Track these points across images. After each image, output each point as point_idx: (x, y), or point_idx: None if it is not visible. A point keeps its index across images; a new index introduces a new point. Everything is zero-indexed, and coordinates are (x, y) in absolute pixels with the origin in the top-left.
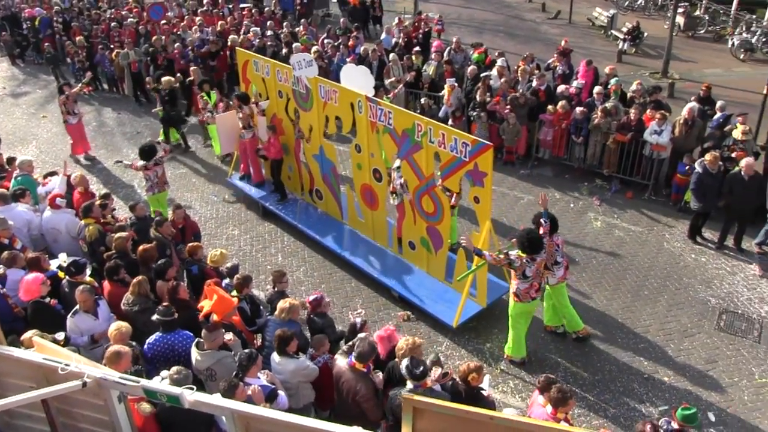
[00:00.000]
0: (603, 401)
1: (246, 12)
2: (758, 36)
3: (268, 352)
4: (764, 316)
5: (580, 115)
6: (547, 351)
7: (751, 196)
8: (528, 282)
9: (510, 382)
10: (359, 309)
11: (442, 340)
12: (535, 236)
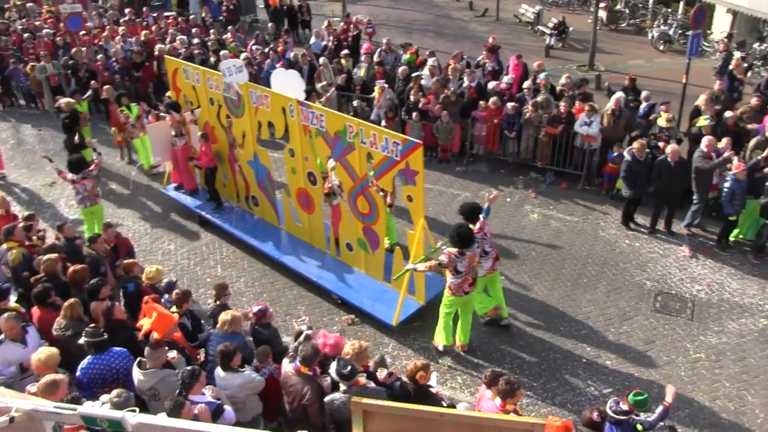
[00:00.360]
0: (550, 389)
1: (171, 20)
2: (675, 28)
3: (211, 366)
4: (696, 295)
5: (512, 110)
6: (492, 344)
7: (678, 180)
8: (461, 277)
9: (458, 377)
10: (303, 316)
11: (388, 341)
12: (464, 231)
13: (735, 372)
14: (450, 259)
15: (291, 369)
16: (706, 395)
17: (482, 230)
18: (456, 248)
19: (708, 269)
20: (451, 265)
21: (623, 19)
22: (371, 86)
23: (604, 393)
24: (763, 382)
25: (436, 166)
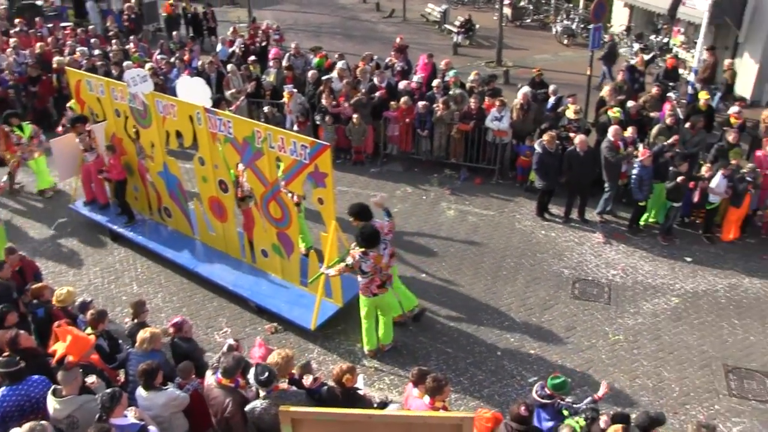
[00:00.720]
0: (477, 382)
1: (69, 31)
2: (577, 22)
3: (132, 387)
4: (611, 279)
5: (423, 109)
6: (417, 342)
7: (588, 169)
8: (367, 277)
9: (385, 378)
10: (225, 328)
11: (313, 347)
12: (370, 231)
13: (651, 350)
14: (355, 259)
15: (213, 381)
16: (626, 375)
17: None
18: (361, 248)
19: (621, 254)
20: (356, 265)
21: (528, 15)
22: (281, 91)
23: (530, 381)
24: (677, 357)
25: (350, 168)
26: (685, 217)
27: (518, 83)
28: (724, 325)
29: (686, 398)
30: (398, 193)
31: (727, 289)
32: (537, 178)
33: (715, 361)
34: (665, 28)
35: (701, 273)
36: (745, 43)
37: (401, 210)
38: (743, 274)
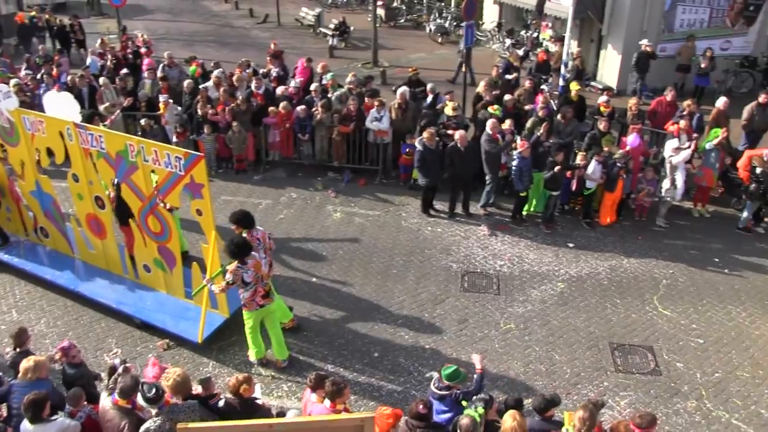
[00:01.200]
0: (375, 382)
1: None
2: (450, 20)
3: (17, 421)
4: (499, 270)
5: (302, 113)
6: (312, 346)
7: (470, 164)
8: (251, 288)
9: (283, 385)
10: (115, 349)
11: (207, 360)
12: (240, 241)
13: (542, 336)
14: (235, 273)
15: (108, 403)
16: (520, 362)
17: (254, 237)
18: (236, 260)
19: (507, 244)
20: (238, 278)
21: (401, 16)
22: (157, 103)
23: (427, 376)
24: (566, 340)
25: (233, 177)
26: (565, 205)
27: (395, 83)
28: (608, 305)
29: (577, 378)
30: (283, 199)
31: (608, 271)
32: (420, 176)
33: (601, 340)
34: (534, 24)
35: (583, 257)
36: (608, 35)
37: (287, 216)
38: (622, 256)
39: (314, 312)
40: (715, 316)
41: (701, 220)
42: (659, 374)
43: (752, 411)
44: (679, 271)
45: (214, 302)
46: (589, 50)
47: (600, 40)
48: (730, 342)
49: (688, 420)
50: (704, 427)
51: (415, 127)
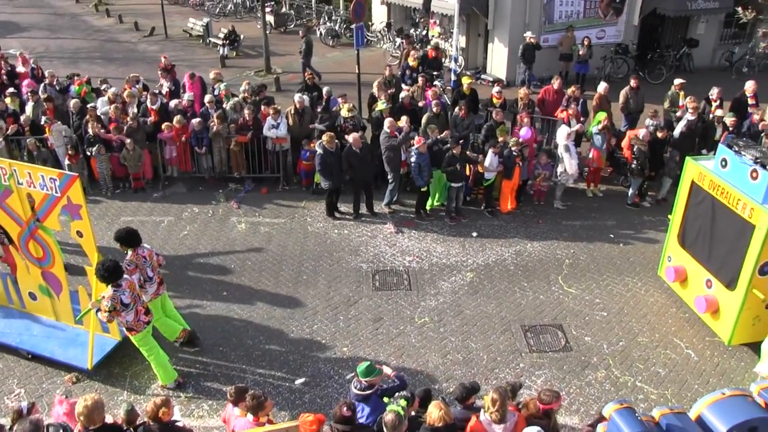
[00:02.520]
0: (296, 390)
1: None
2: (339, 23)
3: None
4: (408, 266)
5: (198, 126)
6: (229, 361)
7: (369, 165)
8: (131, 309)
9: (203, 404)
10: (17, 390)
11: (121, 390)
12: (110, 265)
13: (457, 326)
14: (113, 297)
15: None
16: (438, 354)
17: (140, 255)
18: (110, 284)
19: (414, 240)
20: (117, 302)
21: (290, 21)
22: (42, 125)
23: (347, 379)
24: (480, 327)
25: (131, 196)
26: (467, 196)
27: (290, 89)
28: (516, 289)
29: (494, 363)
30: (186, 215)
31: (514, 256)
32: (322, 179)
33: (513, 324)
34: (422, 22)
35: (489, 245)
36: (494, 29)
37: (191, 231)
38: (525, 240)
39: (228, 326)
40: (615, 289)
41: (595, 199)
42: (570, 350)
43: (652, 372)
44: (579, 249)
45: (105, 326)
46: (477, 44)
47: (487, 35)
48: (630, 311)
49: (599, 389)
50: (614, 394)
51: (313, 132)
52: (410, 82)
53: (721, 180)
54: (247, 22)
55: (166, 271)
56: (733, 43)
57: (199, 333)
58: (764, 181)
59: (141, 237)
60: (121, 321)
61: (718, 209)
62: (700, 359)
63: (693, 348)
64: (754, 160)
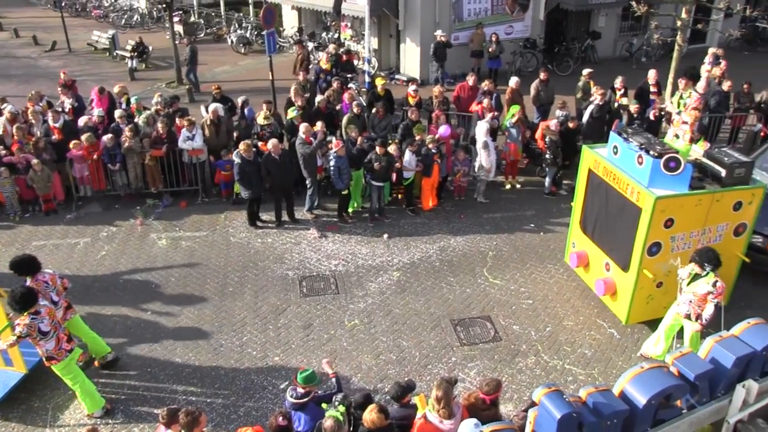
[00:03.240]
0: (231, 404)
1: None
2: (250, 30)
3: None
4: (335, 270)
5: (110, 142)
6: (159, 383)
7: (288, 171)
8: (52, 337)
9: (135, 430)
10: None
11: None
12: (21, 292)
13: (387, 326)
14: (30, 326)
15: None
16: (371, 355)
17: (40, 281)
18: (24, 312)
19: (338, 243)
20: (33, 330)
21: (200, 30)
22: None
23: (282, 388)
24: (410, 325)
25: (43, 219)
26: (389, 196)
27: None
28: (443, 285)
29: (427, 359)
30: (103, 235)
31: (439, 253)
32: (242, 189)
33: (443, 319)
34: (334, 25)
35: (413, 244)
36: (405, 29)
37: (109, 251)
38: (449, 236)
39: (155, 346)
40: (539, 277)
41: (513, 191)
42: (500, 340)
43: (579, 353)
44: (502, 241)
45: (7, 359)
46: (389, 45)
47: (398, 35)
48: (555, 297)
49: (530, 375)
50: (544, 378)
51: (230, 142)
52: (325, 85)
53: (613, 166)
54: (155, 32)
55: (73, 294)
56: (632, 34)
57: (124, 355)
58: (648, 166)
59: (40, 262)
60: (40, 350)
61: (611, 195)
62: (623, 337)
63: (615, 327)
64: (640, 146)
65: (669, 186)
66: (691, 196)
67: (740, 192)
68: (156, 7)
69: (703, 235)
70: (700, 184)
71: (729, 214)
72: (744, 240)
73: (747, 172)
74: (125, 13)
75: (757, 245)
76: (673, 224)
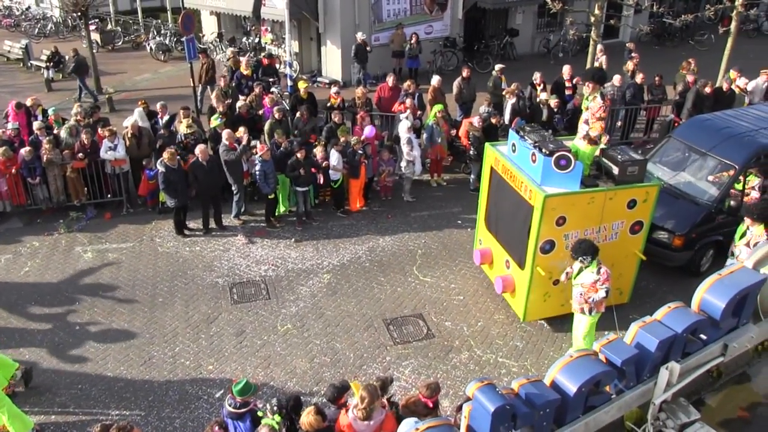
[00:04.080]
0: (166, 417)
1: None
2: (169, 37)
3: None
4: (265, 275)
5: (28, 155)
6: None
7: (215, 177)
8: None
9: None
10: None
11: None
12: None
13: (320, 329)
14: None
15: None
16: (305, 359)
17: None
18: None
19: (267, 249)
20: None
21: (118, 38)
22: None
23: (218, 397)
24: (343, 327)
25: None
26: (316, 199)
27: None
28: (374, 285)
29: (362, 360)
30: (25, 251)
31: (368, 253)
32: (167, 198)
33: (375, 319)
34: (254, 29)
35: (342, 245)
36: (325, 32)
37: (33, 267)
38: (377, 236)
39: (86, 362)
40: (468, 272)
41: (440, 188)
42: (432, 337)
43: (511, 346)
44: (430, 238)
45: None
46: (310, 48)
47: (319, 38)
48: (484, 292)
49: (464, 370)
50: (478, 372)
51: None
52: (247, 91)
53: (511, 164)
54: (71, 41)
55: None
56: (548, 31)
57: (52, 374)
58: (540, 164)
59: None
60: None
61: (509, 192)
62: (552, 328)
63: (545, 319)
64: (533, 144)
65: (561, 184)
66: (583, 194)
67: (634, 190)
68: (71, 15)
69: (599, 233)
70: (593, 182)
71: (624, 212)
72: (641, 238)
73: (640, 170)
74: (38, 22)
75: (662, 241)
76: (565, 222)
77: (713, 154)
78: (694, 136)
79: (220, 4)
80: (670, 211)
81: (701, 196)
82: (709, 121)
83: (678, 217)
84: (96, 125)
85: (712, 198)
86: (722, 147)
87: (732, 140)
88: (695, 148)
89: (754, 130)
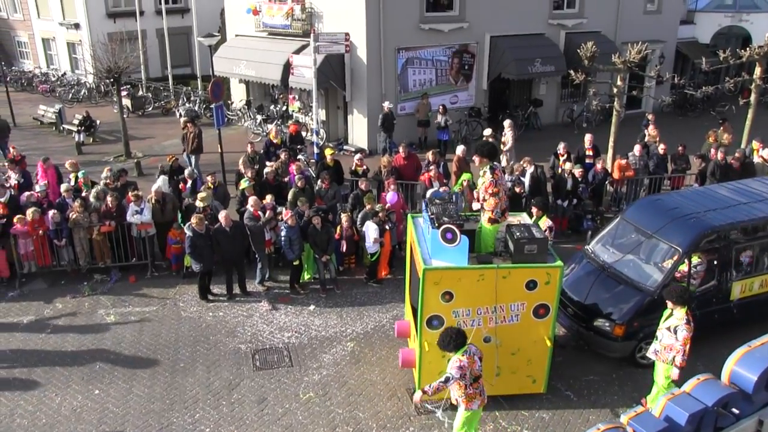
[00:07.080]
0: None
1: None
2: (198, 103)
3: None
4: (288, 342)
5: (56, 217)
6: None
7: (238, 243)
8: None
9: None
10: None
11: None
12: None
13: (342, 397)
14: None
15: None
16: (327, 428)
17: None
18: None
19: (291, 315)
20: None
21: (148, 104)
22: None
23: None
24: (366, 396)
25: None
26: (340, 266)
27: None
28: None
29: (385, 430)
30: (48, 312)
31: (392, 321)
32: (193, 262)
33: (399, 388)
34: (282, 98)
35: (366, 313)
36: (352, 101)
37: (56, 329)
38: (401, 304)
39: (104, 426)
40: None
41: None
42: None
43: (537, 418)
44: None
45: None
46: (337, 116)
47: (346, 106)
48: None
49: None
50: None
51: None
52: (274, 158)
53: (416, 236)
54: (102, 106)
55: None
56: (572, 101)
57: None
58: (431, 237)
59: None
60: None
61: (414, 264)
62: (579, 398)
63: (571, 389)
64: (430, 216)
65: (449, 258)
66: (471, 270)
67: (532, 270)
68: (104, 82)
69: (494, 313)
70: (488, 259)
71: (522, 293)
72: (549, 323)
73: (540, 250)
74: (72, 88)
75: (604, 330)
76: (452, 298)
77: (658, 237)
78: (642, 217)
79: (249, 73)
80: (611, 297)
81: (645, 281)
82: (659, 201)
83: (619, 304)
84: (124, 189)
85: (655, 283)
86: (667, 229)
87: (677, 222)
88: (642, 229)
89: (701, 211)
